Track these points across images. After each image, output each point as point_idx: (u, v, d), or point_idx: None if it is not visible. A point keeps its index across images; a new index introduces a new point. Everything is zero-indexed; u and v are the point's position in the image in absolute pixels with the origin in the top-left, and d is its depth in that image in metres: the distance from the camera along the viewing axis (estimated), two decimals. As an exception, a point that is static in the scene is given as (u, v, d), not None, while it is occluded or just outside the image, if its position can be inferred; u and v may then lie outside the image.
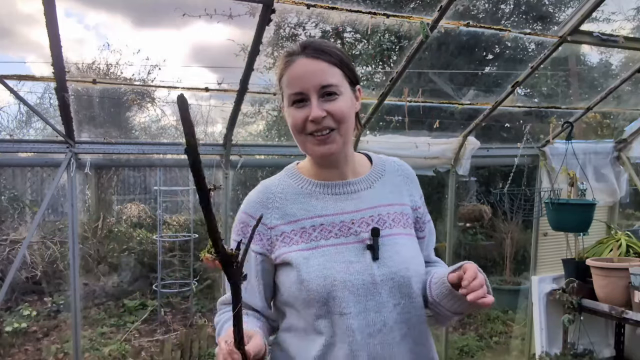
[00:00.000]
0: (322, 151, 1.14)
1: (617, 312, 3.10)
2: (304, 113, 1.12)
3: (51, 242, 5.78)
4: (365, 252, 1.15)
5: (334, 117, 1.12)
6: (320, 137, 1.13)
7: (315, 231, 1.16)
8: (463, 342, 4.78)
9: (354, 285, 1.11)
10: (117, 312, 5.56)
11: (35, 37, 13.66)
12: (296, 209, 1.19)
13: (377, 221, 1.19)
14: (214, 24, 2.92)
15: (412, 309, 1.17)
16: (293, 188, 1.22)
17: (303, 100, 1.12)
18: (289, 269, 1.15)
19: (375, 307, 1.12)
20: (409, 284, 1.16)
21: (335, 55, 1.15)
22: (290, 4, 2.29)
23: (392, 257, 1.16)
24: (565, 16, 4.55)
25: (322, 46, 1.15)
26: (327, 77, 1.12)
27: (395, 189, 1.27)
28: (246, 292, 1.19)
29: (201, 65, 12.74)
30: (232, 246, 1.15)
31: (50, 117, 5.00)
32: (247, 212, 1.22)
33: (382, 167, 1.30)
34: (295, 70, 1.13)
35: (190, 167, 0.74)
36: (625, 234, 3.55)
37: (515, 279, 5.78)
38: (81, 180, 5.40)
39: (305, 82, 1.11)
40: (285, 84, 1.15)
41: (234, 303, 0.89)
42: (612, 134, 5.10)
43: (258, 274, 1.19)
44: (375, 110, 3.11)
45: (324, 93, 1.12)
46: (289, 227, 1.17)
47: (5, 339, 4.70)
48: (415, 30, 2.63)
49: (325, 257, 1.13)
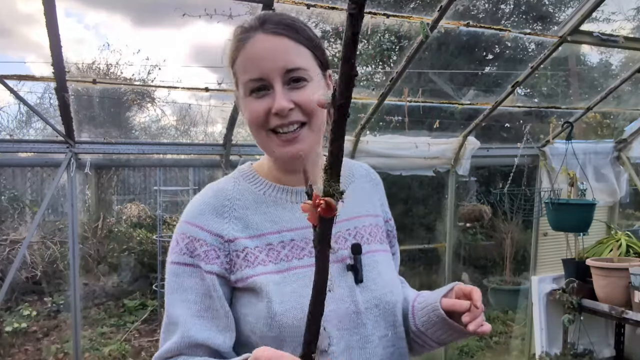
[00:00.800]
0: (290, 153, 0.91)
1: (617, 312, 3.10)
2: (265, 104, 0.89)
3: (51, 242, 5.79)
4: (346, 274, 0.94)
5: (303, 108, 0.89)
6: (287, 135, 0.90)
7: (285, 249, 0.92)
8: (463, 342, 4.79)
9: (338, 316, 0.90)
10: (117, 312, 5.56)
11: (35, 37, 13.69)
12: (259, 220, 0.94)
13: (354, 235, 0.98)
14: (214, 24, 2.93)
15: (396, 341, 0.99)
16: (253, 194, 0.97)
17: (264, 89, 0.89)
18: (255, 298, 0.89)
19: (359, 342, 0.92)
20: (393, 311, 0.98)
21: (302, 31, 0.91)
22: (290, 4, 2.29)
23: (375, 279, 0.96)
24: (565, 16, 4.54)
25: (285, 20, 0.91)
26: (294, 59, 0.89)
27: (366, 197, 1.07)
28: (197, 325, 0.89)
29: (201, 65, 12.73)
30: (173, 269, 0.92)
31: (50, 117, 5.00)
32: (194, 222, 0.92)
33: (351, 172, 1.08)
34: (253, 49, 0.89)
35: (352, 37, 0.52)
36: (625, 234, 3.55)
37: (515, 279, 5.77)
38: (81, 180, 5.39)
39: (266, 65, 0.88)
40: (239, 68, 0.91)
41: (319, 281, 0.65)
42: (612, 134, 5.10)
43: (221, 299, 0.90)
44: (375, 110, 3.11)
45: (289, 79, 0.89)
46: (252, 243, 0.92)
47: (5, 339, 4.70)
48: (415, 30, 2.63)
49: (300, 281, 0.89)
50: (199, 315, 0.89)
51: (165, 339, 0.91)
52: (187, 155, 3.26)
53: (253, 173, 1.00)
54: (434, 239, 5.87)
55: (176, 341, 0.89)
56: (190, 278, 0.91)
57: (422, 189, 6.26)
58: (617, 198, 4.01)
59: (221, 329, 0.90)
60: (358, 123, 3.24)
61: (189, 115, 8.23)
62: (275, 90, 0.88)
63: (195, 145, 3.72)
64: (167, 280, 0.93)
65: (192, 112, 8.07)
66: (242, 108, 0.96)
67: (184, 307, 0.90)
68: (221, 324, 0.90)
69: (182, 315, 0.89)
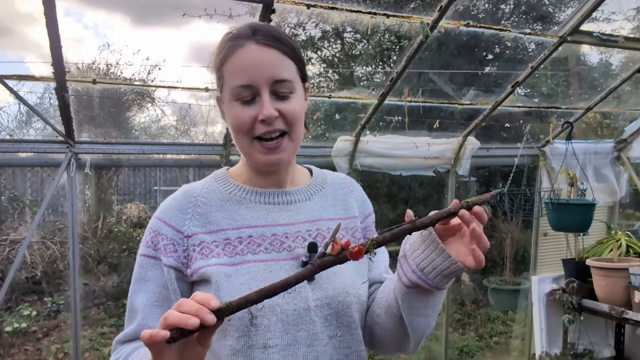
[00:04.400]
0: (270, 160, 0.97)
1: (617, 312, 3.10)
2: (252, 111, 0.94)
3: (51, 242, 5.78)
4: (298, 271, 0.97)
5: (286, 118, 0.95)
6: (270, 144, 0.95)
7: (242, 244, 0.97)
8: (463, 342, 4.78)
9: (284, 311, 0.92)
10: (117, 312, 5.56)
11: (34, 36, 13.69)
12: (221, 217, 0.99)
13: (315, 236, 1.01)
14: (213, 23, 2.91)
15: (351, 342, 0.98)
16: (219, 193, 1.02)
17: (251, 96, 0.94)
18: (206, 288, 0.94)
19: (306, 339, 0.93)
20: (348, 312, 0.97)
21: (289, 44, 0.97)
22: (290, 4, 2.29)
23: (330, 278, 0.97)
24: (565, 16, 4.55)
25: (275, 33, 0.97)
26: (281, 71, 0.94)
27: (337, 202, 1.10)
28: (154, 314, 0.95)
29: (201, 65, 12.69)
30: (140, 261, 0.99)
31: (50, 117, 5.00)
32: (161, 217, 0.99)
33: (323, 180, 1.12)
34: (244, 57, 0.94)
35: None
36: (625, 234, 3.55)
37: (515, 279, 5.77)
38: (81, 180, 5.39)
39: (256, 74, 0.93)
40: (228, 72, 0.95)
41: None
42: (612, 134, 5.10)
43: (175, 291, 0.95)
44: (375, 110, 3.11)
45: (275, 90, 0.94)
46: (210, 237, 0.97)
47: (5, 339, 4.70)
48: (415, 30, 2.63)
49: (250, 274, 0.93)
50: (156, 305, 0.96)
51: (126, 325, 0.99)
52: (187, 155, 3.26)
53: (225, 176, 1.06)
54: (434, 239, 5.86)
55: (134, 327, 0.96)
56: (152, 269, 0.97)
57: (422, 189, 6.26)
58: (617, 198, 4.01)
59: None
60: (358, 123, 3.24)
61: (189, 115, 8.24)
62: (262, 99, 0.93)
63: (195, 145, 3.72)
64: (134, 270, 1.00)
65: (192, 112, 8.09)
66: (225, 112, 1.00)
67: (144, 297, 0.97)
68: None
69: (141, 304, 0.97)
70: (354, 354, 0.99)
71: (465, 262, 0.87)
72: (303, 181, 1.09)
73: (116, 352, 0.98)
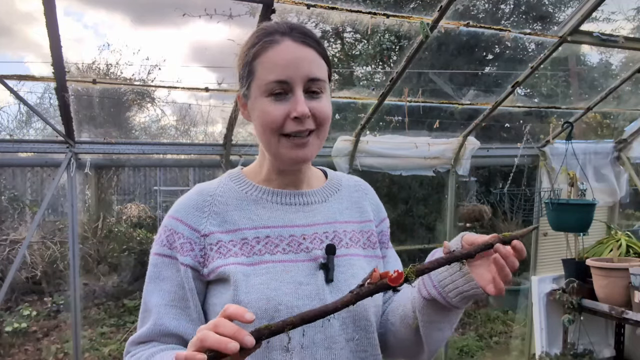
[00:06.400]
0: (297, 156, 0.95)
1: (617, 312, 3.10)
2: (285, 108, 0.91)
3: (51, 242, 5.78)
4: (317, 273, 0.95)
5: (317, 118, 0.94)
6: (298, 140, 0.93)
7: (260, 244, 0.96)
8: (463, 342, 4.79)
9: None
10: (117, 312, 5.56)
11: (33, 36, 13.67)
12: (238, 216, 0.98)
13: (332, 238, 1.00)
14: (213, 23, 2.91)
15: (368, 346, 0.98)
16: (236, 192, 1.01)
17: (283, 93, 0.92)
18: (223, 287, 0.93)
19: (324, 341, 0.92)
20: (365, 315, 0.97)
21: (322, 45, 0.98)
22: (290, 4, 2.29)
23: (348, 280, 0.96)
24: (565, 16, 4.55)
25: (310, 32, 0.96)
26: (315, 70, 0.93)
27: (353, 205, 1.10)
28: (169, 314, 0.94)
29: (201, 65, 12.77)
30: (154, 260, 0.98)
31: (50, 117, 5.00)
32: (176, 216, 0.98)
33: (338, 182, 1.11)
34: (281, 53, 0.92)
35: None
36: (625, 234, 3.55)
37: (515, 279, 5.77)
38: (81, 180, 5.39)
39: (293, 70, 0.91)
40: (261, 67, 0.93)
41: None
42: (612, 134, 5.10)
43: (192, 291, 0.94)
44: (375, 110, 3.11)
45: (309, 88, 0.93)
46: (228, 237, 0.96)
47: (5, 339, 4.70)
48: (415, 30, 2.63)
49: (269, 274, 0.93)
50: (172, 305, 0.94)
51: (140, 325, 0.97)
52: (187, 155, 3.26)
53: (240, 175, 1.05)
54: (434, 239, 5.88)
55: (149, 327, 0.94)
56: (168, 269, 0.96)
57: (422, 189, 6.26)
58: (617, 198, 4.01)
59: (191, 319, 0.94)
60: (358, 123, 3.24)
61: (189, 115, 8.23)
62: (296, 96, 0.92)
63: (196, 145, 3.72)
64: (148, 270, 0.99)
65: (192, 112, 8.08)
66: (252, 108, 0.97)
67: (159, 296, 0.95)
68: (191, 315, 0.94)
69: (156, 303, 0.95)
70: (371, 357, 0.98)
71: (486, 288, 0.87)
72: (318, 183, 1.08)
73: (130, 355, 0.95)
